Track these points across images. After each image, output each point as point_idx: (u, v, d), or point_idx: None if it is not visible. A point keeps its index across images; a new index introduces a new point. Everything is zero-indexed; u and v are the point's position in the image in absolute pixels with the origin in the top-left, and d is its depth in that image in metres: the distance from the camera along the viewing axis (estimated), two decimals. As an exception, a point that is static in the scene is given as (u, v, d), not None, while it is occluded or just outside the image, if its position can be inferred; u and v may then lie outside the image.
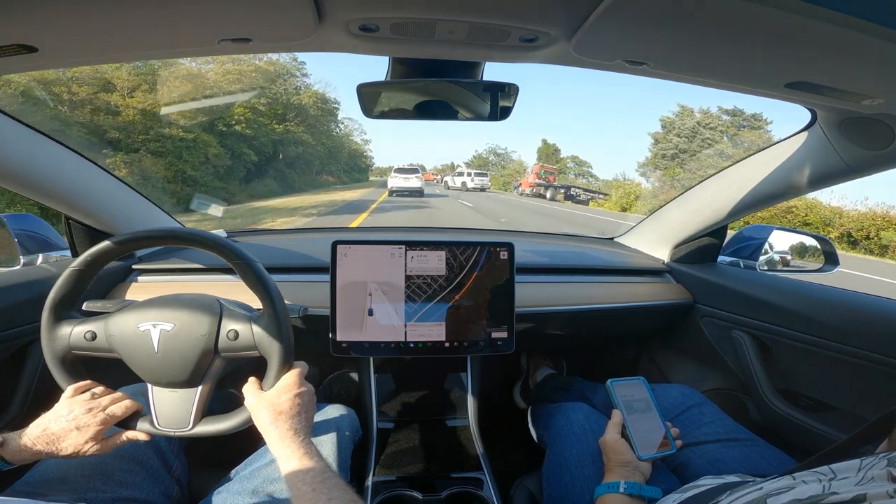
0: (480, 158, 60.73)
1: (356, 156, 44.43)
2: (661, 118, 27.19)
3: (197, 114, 15.34)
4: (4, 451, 0.54)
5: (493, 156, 59.89)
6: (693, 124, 25.46)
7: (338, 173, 34.47)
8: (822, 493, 0.36)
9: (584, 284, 1.14)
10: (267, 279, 0.60)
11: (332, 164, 32.32)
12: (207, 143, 14.94)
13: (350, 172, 40.46)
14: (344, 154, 36.97)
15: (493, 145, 64.81)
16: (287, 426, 0.56)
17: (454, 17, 0.47)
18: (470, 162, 59.61)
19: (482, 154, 61.28)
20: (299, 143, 23.95)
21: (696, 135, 25.22)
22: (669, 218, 1.24)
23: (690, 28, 0.45)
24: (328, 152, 29.80)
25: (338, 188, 25.94)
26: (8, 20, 0.43)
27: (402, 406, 1.11)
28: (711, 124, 25.18)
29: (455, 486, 0.85)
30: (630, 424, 0.71)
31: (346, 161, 38.19)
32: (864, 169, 0.78)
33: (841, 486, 0.37)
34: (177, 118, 13.98)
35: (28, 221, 0.98)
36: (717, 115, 25.31)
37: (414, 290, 0.90)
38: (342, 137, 37.23)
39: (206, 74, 17.58)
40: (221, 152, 15.41)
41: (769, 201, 0.98)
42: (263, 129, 19.92)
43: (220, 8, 0.45)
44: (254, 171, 18.82)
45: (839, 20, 0.38)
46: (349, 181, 36.86)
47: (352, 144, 41.99)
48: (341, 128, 37.46)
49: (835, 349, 0.86)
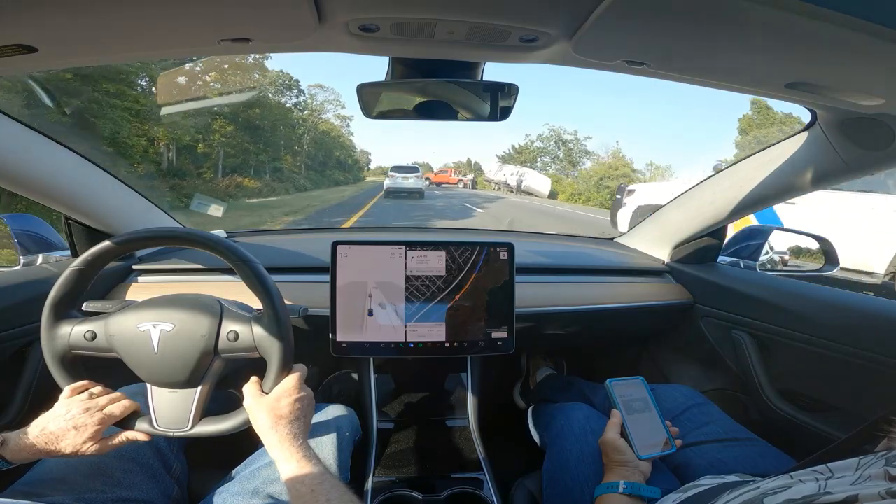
0: (528, 148, 37.06)
1: (332, 144, 30.37)
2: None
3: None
4: (4, 451, 0.54)
5: (553, 143, 35.56)
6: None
7: (308, 172, 25.19)
8: (817, 492, 0.36)
9: (584, 284, 1.14)
10: (267, 279, 0.60)
11: (277, 160, 22.21)
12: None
13: (325, 170, 28.52)
14: (308, 142, 26.14)
15: (555, 126, 37.87)
16: (286, 431, 0.56)
17: (454, 18, 0.47)
18: (510, 154, 37.98)
19: (532, 141, 37.07)
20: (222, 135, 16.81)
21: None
22: (669, 218, 1.24)
23: (690, 28, 0.45)
24: (266, 143, 20.30)
25: (288, 193, 18.30)
26: (8, 20, 0.43)
27: (402, 406, 1.11)
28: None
29: (455, 487, 0.85)
30: (629, 424, 0.71)
31: (312, 152, 26.48)
32: (864, 169, 0.78)
33: (836, 485, 0.37)
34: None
35: (28, 221, 0.98)
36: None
37: (414, 291, 0.90)
38: (302, 119, 26.25)
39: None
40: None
41: (769, 201, 0.98)
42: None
43: (220, 8, 0.45)
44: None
45: (839, 20, 0.38)
46: (324, 182, 26.09)
47: (320, 127, 28.86)
48: (301, 104, 26.69)
49: (835, 349, 0.86)
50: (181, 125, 13.96)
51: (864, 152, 0.73)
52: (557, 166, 35.10)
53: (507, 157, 37.15)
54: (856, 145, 0.73)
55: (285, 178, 21.58)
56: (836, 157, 0.77)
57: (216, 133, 17.31)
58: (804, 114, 0.78)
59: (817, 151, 0.80)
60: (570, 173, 32.54)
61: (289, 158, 24.43)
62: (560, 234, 1.68)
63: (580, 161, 34.00)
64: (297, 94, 27.99)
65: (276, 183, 19.57)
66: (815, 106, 0.72)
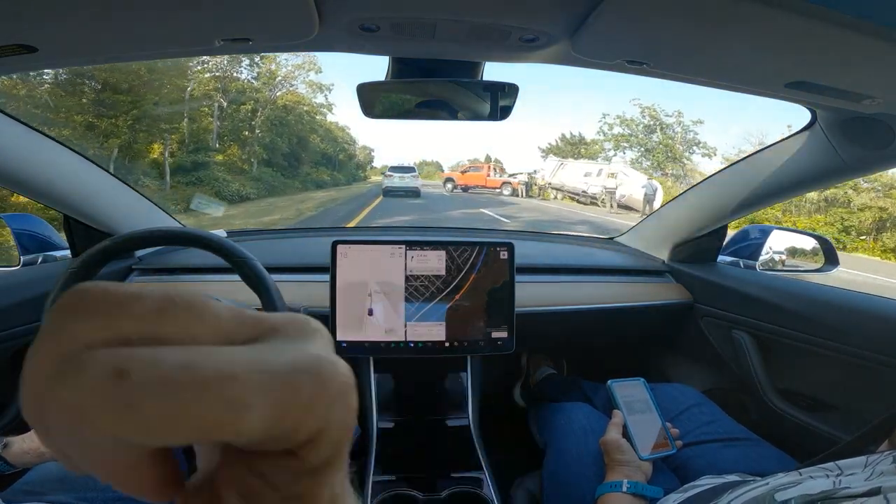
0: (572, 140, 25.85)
1: (300, 126, 18.89)
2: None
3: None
4: (8, 454, 0.54)
5: (642, 128, 21.98)
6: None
7: (264, 169, 15.69)
8: (833, 487, 0.36)
9: (583, 284, 1.14)
10: (265, 276, 0.60)
11: (201, 150, 13.71)
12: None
13: (300, 167, 18.64)
14: (261, 124, 16.30)
15: (648, 105, 22.21)
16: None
17: (454, 17, 0.47)
18: (557, 147, 26.72)
19: (611, 125, 22.70)
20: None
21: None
22: (669, 218, 1.24)
23: (690, 28, 0.45)
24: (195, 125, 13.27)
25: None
26: (8, 20, 0.43)
27: (401, 406, 1.11)
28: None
29: (455, 486, 0.84)
30: (631, 425, 0.71)
31: (267, 139, 16.41)
32: (864, 169, 0.78)
33: (851, 481, 0.37)
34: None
35: (28, 221, 0.98)
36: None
37: (414, 290, 0.90)
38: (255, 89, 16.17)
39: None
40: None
41: (769, 201, 0.98)
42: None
43: (221, 8, 0.45)
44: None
45: (839, 20, 0.38)
46: (290, 185, 16.50)
47: (279, 101, 17.50)
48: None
49: (835, 349, 0.86)
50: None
51: (864, 152, 0.73)
52: (649, 162, 21.61)
53: (555, 151, 26.31)
54: (856, 145, 0.73)
55: (209, 179, 12.61)
56: (836, 157, 0.77)
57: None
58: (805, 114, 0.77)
59: (817, 151, 0.80)
60: (671, 173, 21.12)
61: (235, 149, 15.70)
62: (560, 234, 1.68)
63: (684, 156, 21.34)
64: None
65: (192, 187, 11.77)
66: (815, 106, 0.72)
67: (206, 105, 15.61)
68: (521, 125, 48.60)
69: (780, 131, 21.51)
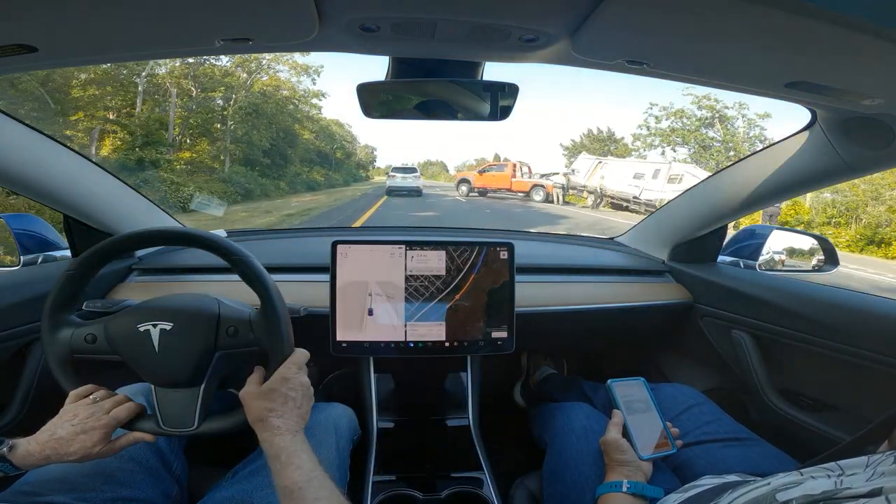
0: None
1: (282, 116, 15.81)
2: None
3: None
4: (13, 456, 0.54)
5: (695, 122, 18.06)
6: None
7: (237, 168, 13.39)
8: (835, 487, 0.37)
9: (583, 284, 1.14)
10: (264, 275, 0.60)
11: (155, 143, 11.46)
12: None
13: (286, 165, 15.97)
14: (234, 114, 13.63)
15: (701, 95, 17.19)
16: (277, 423, 0.55)
17: (455, 17, 0.47)
18: (581, 144, 23.74)
19: (658, 119, 19.00)
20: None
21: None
22: (669, 218, 1.24)
23: (690, 28, 0.45)
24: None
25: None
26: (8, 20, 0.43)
27: (402, 405, 1.11)
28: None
29: (455, 486, 0.84)
30: (631, 424, 0.71)
31: (240, 132, 13.83)
32: (864, 169, 0.78)
33: (852, 481, 0.37)
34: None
35: (28, 221, 0.98)
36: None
37: (414, 290, 0.90)
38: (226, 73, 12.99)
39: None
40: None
41: (769, 201, 0.98)
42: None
43: (220, 8, 0.45)
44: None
45: (839, 20, 0.38)
46: (273, 186, 14.28)
47: (255, 87, 14.55)
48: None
49: (835, 349, 0.86)
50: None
51: (864, 152, 0.73)
52: (703, 161, 17.74)
53: (579, 149, 22.70)
54: (856, 145, 0.73)
55: (154, 181, 10.30)
56: (836, 157, 0.77)
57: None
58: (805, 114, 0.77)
59: (817, 151, 0.80)
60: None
61: (205, 144, 13.44)
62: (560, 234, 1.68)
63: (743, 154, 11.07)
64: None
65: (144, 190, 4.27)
66: (815, 106, 0.72)
67: (158, 94, 12.72)
68: (536, 119, 44.15)
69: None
